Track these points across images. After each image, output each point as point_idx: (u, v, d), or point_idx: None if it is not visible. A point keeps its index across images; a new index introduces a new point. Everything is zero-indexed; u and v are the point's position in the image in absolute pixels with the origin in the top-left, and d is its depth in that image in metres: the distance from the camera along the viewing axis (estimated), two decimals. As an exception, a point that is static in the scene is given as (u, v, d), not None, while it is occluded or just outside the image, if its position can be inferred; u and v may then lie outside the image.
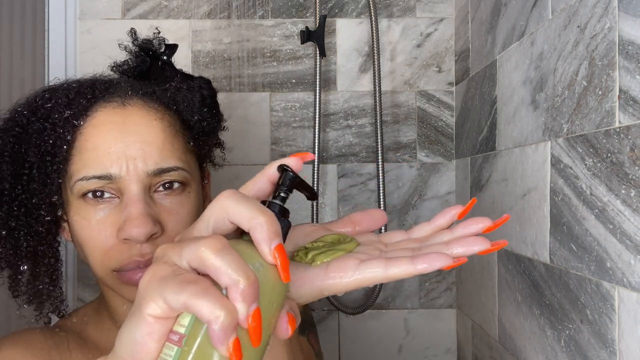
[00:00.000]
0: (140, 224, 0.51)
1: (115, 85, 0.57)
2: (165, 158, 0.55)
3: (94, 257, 0.54)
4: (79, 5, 1.25)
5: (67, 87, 0.57)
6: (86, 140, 0.53)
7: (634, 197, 0.56)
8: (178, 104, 0.60)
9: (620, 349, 0.59)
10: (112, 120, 0.54)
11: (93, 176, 0.52)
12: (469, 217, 0.44)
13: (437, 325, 1.28)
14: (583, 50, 0.68)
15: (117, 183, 0.52)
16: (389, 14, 1.28)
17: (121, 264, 0.53)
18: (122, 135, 0.53)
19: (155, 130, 0.55)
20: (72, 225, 0.55)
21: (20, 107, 0.57)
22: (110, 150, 0.52)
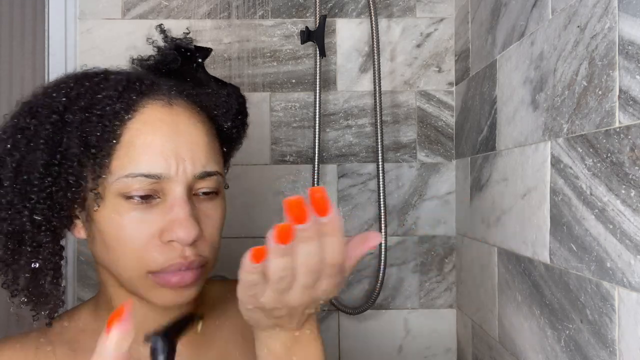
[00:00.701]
0: (188, 226, 0.50)
1: (159, 83, 0.55)
2: (210, 162, 0.54)
3: (128, 257, 0.51)
4: (79, 5, 1.25)
5: (115, 78, 0.53)
6: (135, 136, 0.51)
7: (634, 197, 0.56)
8: (217, 109, 0.59)
9: (620, 349, 0.59)
10: (161, 118, 0.52)
11: (140, 174, 0.50)
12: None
13: (437, 325, 1.28)
14: (583, 50, 0.68)
15: (162, 183, 0.51)
16: (389, 14, 1.28)
17: (162, 266, 0.51)
18: (173, 134, 0.52)
19: (201, 132, 0.54)
20: (104, 223, 0.51)
21: (55, 93, 0.53)
22: (161, 148, 0.51)
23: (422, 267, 1.28)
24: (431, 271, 1.28)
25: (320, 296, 0.45)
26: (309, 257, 0.42)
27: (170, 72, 0.60)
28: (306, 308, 0.46)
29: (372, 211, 1.27)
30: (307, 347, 0.49)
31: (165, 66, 0.60)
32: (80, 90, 0.52)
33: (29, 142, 0.51)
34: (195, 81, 0.60)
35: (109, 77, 0.54)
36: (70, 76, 0.55)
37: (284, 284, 0.43)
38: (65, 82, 0.54)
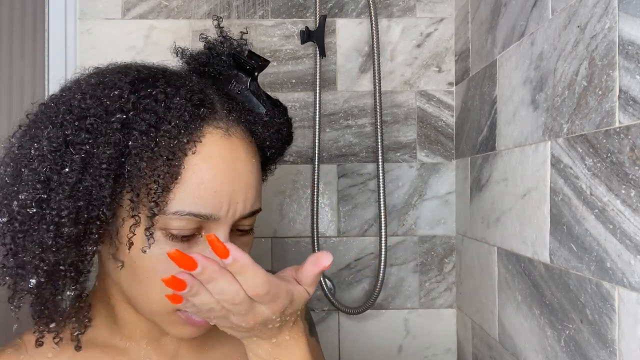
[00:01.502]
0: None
1: (216, 104, 0.50)
2: (258, 200, 0.52)
3: (157, 294, 0.47)
4: (79, 6, 1.25)
5: (179, 102, 0.47)
6: (192, 172, 0.47)
7: (634, 197, 0.56)
8: (270, 140, 0.55)
9: (620, 349, 0.59)
10: (221, 154, 0.48)
11: (189, 213, 0.46)
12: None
13: (437, 325, 1.28)
14: (583, 50, 0.68)
15: (208, 222, 0.48)
16: (389, 14, 1.28)
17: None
18: (231, 176, 0.48)
19: (255, 170, 0.51)
20: (140, 257, 0.47)
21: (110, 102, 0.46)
22: (216, 190, 0.47)
23: (422, 267, 1.28)
24: (431, 271, 1.28)
25: (270, 316, 0.46)
26: (223, 294, 0.43)
27: (219, 78, 0.55)
28: (265, 324, 0.46)
29: (372, 211, 1.27)
30: (289, 350, 0.50)
31: (216, 71, 0.55)
32: (140, 105, 0.46)
33: (87, 164, 0.45)
34: (244, 97, 0.54)
35: (169, 93, 0.47)
36: (121, 78, 0.48)
37: (218, 313, 0.45)
38: (118, 86, 0.47)
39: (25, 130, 0.49)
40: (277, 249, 1.27)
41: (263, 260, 1.27)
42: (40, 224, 0.45)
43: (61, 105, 0.47)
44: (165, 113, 0.46)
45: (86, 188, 0.45)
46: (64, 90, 0.49)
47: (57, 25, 1.24)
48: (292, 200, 1.27)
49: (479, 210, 1.09)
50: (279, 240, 1.27)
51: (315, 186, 1.22)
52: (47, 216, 0.45)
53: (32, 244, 0.46)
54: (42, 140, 0.46)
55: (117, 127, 0.45)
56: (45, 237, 0.45)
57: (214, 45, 0.55)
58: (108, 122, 0.45)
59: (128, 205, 0.47)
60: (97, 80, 0.48)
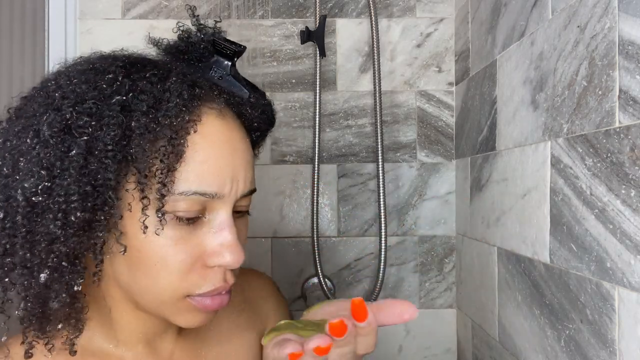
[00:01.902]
0: (238, 251, 0.48)
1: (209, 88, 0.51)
2: (254, 180, 0.52)
3: (167, 281, 0.47)
4: (79, 5, 1.25)
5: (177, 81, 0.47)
6: (195, 151, 0.46)
7: (634, 197, 0.56)
8: (257, 121, 0.56)
9: (620, 349, 0.59)
10: (219, 133, 0.48)
11: (195, 192, 0.46)
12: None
13: (437, 325, 1.28)
14: (583, 50, 0.68)
15: (212, 202, 0.47)
16: (389, 14, 1.28)
17: (205, 291, 0.48)
18: (231, 154, 0.49)
19: (249, 149, 0.52)
20: (145, 243, 0.46)
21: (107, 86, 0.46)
22: (219, 167, 0.47)
23: (422, 267, 1.28)
24: (431, 271, 1.28)
25: None
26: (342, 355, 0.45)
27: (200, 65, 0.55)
28: None
29: (372, 211, 1.27)
30: None
31: (195, 58, 0.55)
32: (137, 88, 0.46)
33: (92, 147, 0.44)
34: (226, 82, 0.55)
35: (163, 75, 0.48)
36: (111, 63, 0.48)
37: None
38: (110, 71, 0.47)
39: (13, 121, 0.47)
40: (277, 249, 1.27)
41: (263, 260, 1.27)
42: (46, 214, 0.44)
43: (54, 92, 0.46)
44: (162, 94, 0.46)
45: (92, 171, 0.44)
46: (49, 80, 0.48)
47: (57, 25, 1.24)
48: (292, 200, 1.27)
49: (479, 210, 1.09)
50: (279, 240, 1.27)
51: (315, 186, 1.22)
52: (53, 204, 0.43)
53: (38, 236, 0.44)
54: (41, 127, 0.44)
55: (117, 109, 0.45)
56: (52, 227, 0.43)
57: (191, 33, 0.56)
58: (108, 104, 0.45)
59: (134, 189, 0.46)
60: (86, 67, 0.48)
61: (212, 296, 0.49)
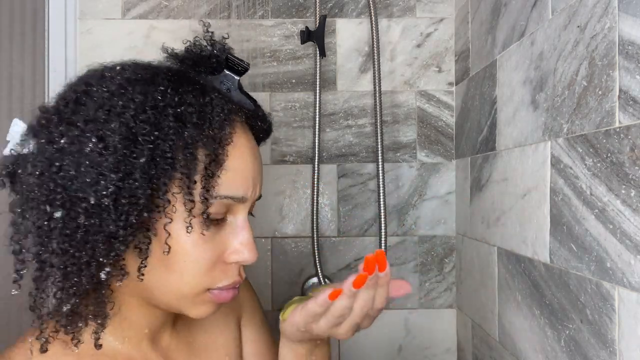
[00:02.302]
0: (254, 249, 0.54)
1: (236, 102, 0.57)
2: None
3: (194, 276, 0.52)
4: (79, 5, 1.25)
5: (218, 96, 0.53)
6: (230, 160, 0.52)
7: (634, 197, 0.56)
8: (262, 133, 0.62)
9: (620, 349, 0.60)
10: (245, 144, 0.55)
11: (226, 196, 0.52)
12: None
13: (437, 325, 1.28)
14: (583, 50, 0.68)
15: (235, 206, 0.54)
16: (389, 14, 1.28)
17: (223, 284, 0.54)
18: (253, 162, 0.55)
19: (260, 156, 0.58)
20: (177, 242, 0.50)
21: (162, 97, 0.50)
22: (246, 175, 0.54)
23: (422, 267, 1.28)
24: (431, 271, 1.28)
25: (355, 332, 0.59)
26: (365, 302, 0.56)
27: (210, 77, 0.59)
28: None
29: (372, 211, 1.27)
30: (322, 348, 0.64)
31: (207, 70, 0.59)
32: (185, 101, 0.50)
33: (155, 154, 0.48)
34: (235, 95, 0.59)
35: (205, 90, 0.53)
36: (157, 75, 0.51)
37: (339, 320, 0.56)
38: (160, 84, 0.51)
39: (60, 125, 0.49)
40: (277, 249, 1.27)
41: (263, 260, 1.27)
42: (109, 215, 0.47)
43: (110, 100, 0.49)
44: (205, 107, 0.51)
45: (153, 176, 0.48)
46: (95, 85, 0.50)
47: (57, 25, 1.24)
48: (292, 200, 1.27)
49: (479, 210, 1.09)
50: (279, 240, 1.27)
51: (315, 186, 1.22)
52: (118, 206, 0.47)
53: (97, 235, 0.47)
54: (105, 133, 0.47)
55: (173, 119, 0.49)
56: (113, 227, 0.47)
57: (203, 47, 0.60)
58: (165, 114, 0.49)
59: (179, 193, 0.50)
60: (134, 77, 0.51)
61: (228, 289, 0.55)
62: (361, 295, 0.55)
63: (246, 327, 0.71)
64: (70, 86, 0.52)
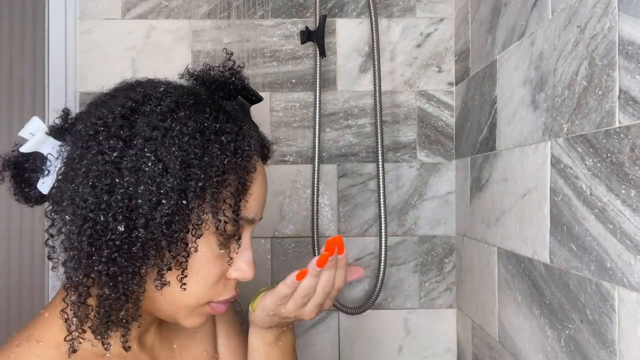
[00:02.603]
0: (254, 267, 0.59)
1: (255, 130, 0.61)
2: None
3: (201, 287, 0.55)
4: (79, 5, 1.25)
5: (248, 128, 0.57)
6: (249, 186, 0.56)
7: (634, 197, 0.56)
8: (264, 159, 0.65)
9: (620, 349, 0.60)
10: (261, 170, 0.60)
11: (243, 218, 0.56)
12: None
13: (437, 325, 1.28)
14: (583, 50, 0.68)
15: (245, 226, 0.58)
16: (389, 14, 1.28)
17: (223, 298, 0.58)
18: (265, 187, 0.60)
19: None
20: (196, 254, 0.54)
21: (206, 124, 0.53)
22: (259, 200, 0.58)
23: (422, 267, 1.28)
24: (431, 271, 1.28)
25: (319, 312, 0.65)
26: (327, 281, 0.61)
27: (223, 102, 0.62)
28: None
29: (372, 211, 1.27)
30: (288, 335, 0.69)
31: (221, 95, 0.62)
32: (226, 130, 0.54)
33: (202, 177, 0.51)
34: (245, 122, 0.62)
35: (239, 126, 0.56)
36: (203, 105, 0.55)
37: (304, 300, 0.61)
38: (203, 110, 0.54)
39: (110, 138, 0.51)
40: (277, 249, 1.27)
41: (263, 260, 1.27)
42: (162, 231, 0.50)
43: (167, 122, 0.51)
44: (239, 137, 0.55)
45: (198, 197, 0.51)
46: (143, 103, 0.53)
47: (57, 25, 1.24)
48: (292, 200, 1.27)
49: (479, 210, 1.09)
50: (279, 240, 1.27)
51: (315, 186, 1.22)
52: (172, 224, 0.50)
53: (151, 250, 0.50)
54: (163, 156, 0.50)
55: (217, 146, 0.53)
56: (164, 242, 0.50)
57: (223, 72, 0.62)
58: (212, 141, 0.52)
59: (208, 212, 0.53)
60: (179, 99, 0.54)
61: (225, 303, 0.59)
62: (323, 275, 0.60)
63: (220, 323, 0.75)
64: (112, 97, 0.54)
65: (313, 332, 1.27)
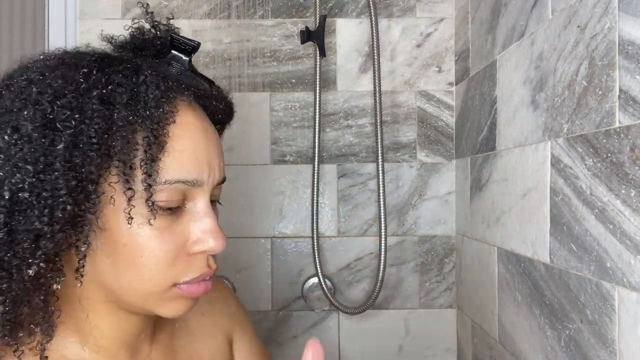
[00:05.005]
0: (220, 236, 0.50)
1: (178, 81, 0.51)
2: (224, 169, 0.54)
3: (154, 271, 0.47)
4: (79, 5, 1.25)
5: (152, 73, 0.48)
6: (175, 141, 0.48)
7: (634, 197, 0.56)
8: (221, 113, 0.58)
9: (620, 349, 0.59)
10: (194, 123, 0.50)
11: (177, 180, 0.47)
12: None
13: (437, 325, 1.28)
14: (583, 50, 0.68)
15: (191, 190, 0.49)
16: (389, 14, 1.28)
17: (191, 277, 0.49)
18: (206, 142, 0.50)
19: (219, 139, 0.54)
20: (128, 235, 0.46)
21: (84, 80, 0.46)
22: (197, 156, 0.49)
23: (422, 267, 1.28)
24: (431, 271, 1.28)
25: None
26: None
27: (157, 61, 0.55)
28: None
29: (372, 211, 1.27)
30: None
31: (152, 54, 0.55)
32: (113, 81, 0.46)
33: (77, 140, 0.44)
34: (186, 76, 0.55)
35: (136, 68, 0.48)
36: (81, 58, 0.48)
37: None
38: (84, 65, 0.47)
39: None
40: (277, 249, 1.27)
41: (263, 260, 1.27)
42: (31, 210, 0.43)
43: (27, 88, 0.45)
44: (138, 86, 0.47)
45: (77, 165, 0.43)
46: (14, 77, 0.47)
47: (57, 25, 1.24)
48: (292, 200, 1.27)
49: (479, 210, 1.09)
50: (279, 240, 1.27)
51: (315, 186, 1.22)
52: (39, 200, 0.43)
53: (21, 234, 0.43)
54: (20, 122, 0.43)
55: (98, 102, 0.45)
56: (38, 223, 0.43)
57: (145, 30, 0.56)
58: (88, 97, 0.45)
59: (116, 182, 0.46)
60: (56, 62, 0.47)
61: (198, 282, 0.50)
62: None
63: (238, 343, 0.69)
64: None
65: (313, 332, 1.27)
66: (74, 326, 0.51)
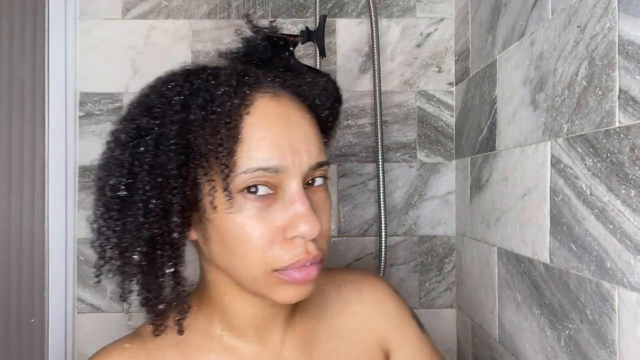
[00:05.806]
0: (312, 220, 0.50)
1: (259, 74, 0.55)
2: (322, 152, 0.54)
3: (253, 257, 0.50)
4: (79, 5, 1.25)
5: (225, 73, 0.53)
6: (252, 131, 0.50)
7: (634, 197, 0.56)
8: (318, 98, 0.59)
9: (620, 349, 0.60)
10: (273, 111, 0.52)
11: (258, 168, 0.49)
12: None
13: (437, 325, 1.28)
14: (583, 50, 0.68)
15: (280, 177, 0.50)
16: (389, 14, 1.28)
17: (288, 263, 0.50)
18: (287, 127, 0.52)
19: (310, 123, 0.55)
20: (224, 223, 0.51)
21: (169, 92, 0.52)
22: (277, 142, 0.50)
23: (422, 267, 1.28)
24: (431, 271, 1.28)
25: None
26: None
27: (261, 63, 0.59)
28: None
29: (372, 211, 1.27)
30: None
31: (257, 57, 0.59)
32: (193, 87, 0.52)
33: (158, 143, 0.50)
34: (290, 70, 0.59)
35: (217, 72, 0.53)
36: (175, 74, 0.55)
37: None
38: (173, 80, 0.53)
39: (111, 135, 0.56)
40: (277, 249, 1.27)
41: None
42: (132, 205, 0.51)
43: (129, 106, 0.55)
44: (215, 87, 0.51)
45: (161, 164, 0.50)
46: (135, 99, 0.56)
47: (57, 25, 1.24)
48: (292, 200, 1.27)
49: (479, 210, 1.09)
50: (279, 240, 1.27)
51: (315, 186, 1.22)
52: (135, 196, 0.50)
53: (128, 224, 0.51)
54: (119, 134, 0.53)
55: (178, 108, 0.51)
56: (137, 215, 0.50)
57: (250, 38, 0.60)
58: (170, 105, 0.51)
59: (203, 175, 0.51)
60: (156, 81, 0.55)
61: (298, 268, 0.51)
62: None
63: (397, 350, 0.66)
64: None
65: (313, 332, 1.27)
66: (215, 307, 0.58)
